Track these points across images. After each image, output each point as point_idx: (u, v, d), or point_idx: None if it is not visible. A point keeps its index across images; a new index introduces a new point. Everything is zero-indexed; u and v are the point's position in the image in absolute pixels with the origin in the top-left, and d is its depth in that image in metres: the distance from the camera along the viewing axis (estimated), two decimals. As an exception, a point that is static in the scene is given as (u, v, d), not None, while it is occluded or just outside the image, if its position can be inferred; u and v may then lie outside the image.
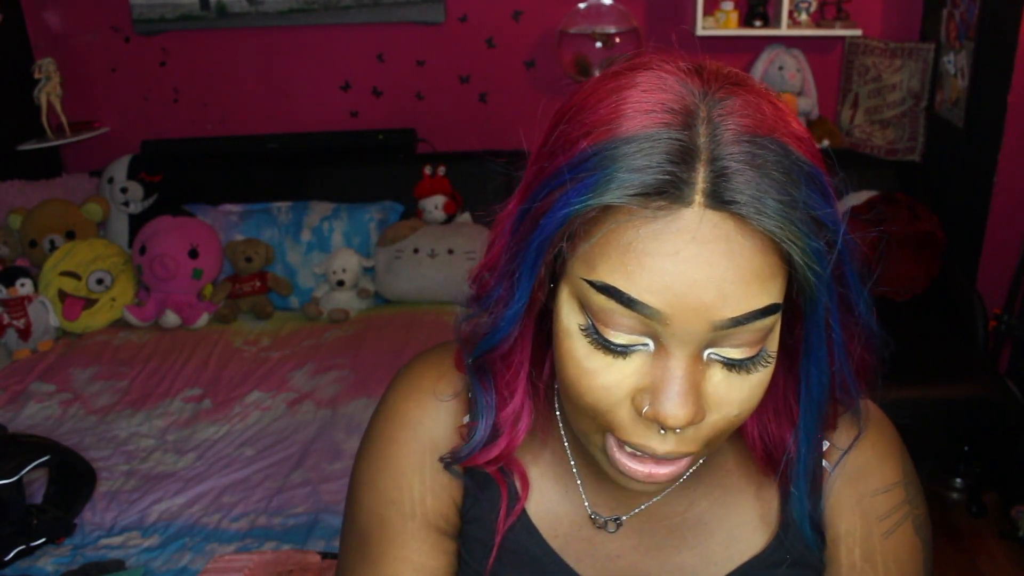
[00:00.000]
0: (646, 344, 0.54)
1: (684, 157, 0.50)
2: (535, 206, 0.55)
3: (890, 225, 2.78)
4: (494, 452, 0.68)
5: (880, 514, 0.71)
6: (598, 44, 3.02)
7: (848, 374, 0.60)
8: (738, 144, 0.50)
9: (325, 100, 3.32)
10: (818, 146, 0.56)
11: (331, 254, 3.04)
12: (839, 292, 0.55)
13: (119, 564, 1.81)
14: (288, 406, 2.43)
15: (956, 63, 2.76)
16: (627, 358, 0.54)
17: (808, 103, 3.07)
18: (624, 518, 0.72)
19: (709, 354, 0.54)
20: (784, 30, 2.94)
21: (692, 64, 0.55)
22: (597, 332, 0.54)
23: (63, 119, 3.18)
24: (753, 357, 0.54)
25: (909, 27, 3.07)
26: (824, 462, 0.70)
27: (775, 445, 0.67)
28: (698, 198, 0.50)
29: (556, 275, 0.58)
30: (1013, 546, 2.41)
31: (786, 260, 0.52)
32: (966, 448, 2.53)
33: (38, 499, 1.99)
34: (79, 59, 3.28)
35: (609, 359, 0.54)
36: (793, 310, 0.58)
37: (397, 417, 0.74)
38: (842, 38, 3.10)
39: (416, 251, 2.95)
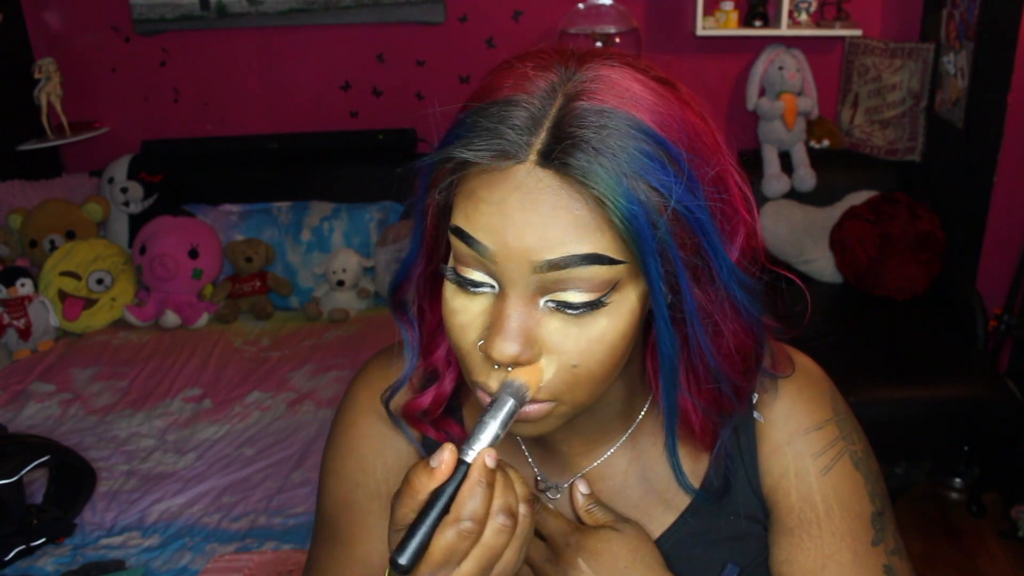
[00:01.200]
0: (493, 286, 0.60)
1: (530, 123, 0.57)
2: (428, 161, 0.63)
3: (890, 225, 2.78)
4: (428, 397, 0.74)
5: (814, 451, 0.73)
6: (598, 44, 3.02)
7: (703, 339, 0.62)
8: (582, 112, 0.56)
9: (325, 100, 3.32)
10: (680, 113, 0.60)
11: (331, 254, 3.04)
12: (691, 260, 0.59)
13: (119, 564, 1.81)
14: (288, 406, 2.43)
15: (956, 63, 2.76)
16: (478, 298, 0.61)
17: (808, 103, 3.07)
18: (568, 483, 0.77)
19: (546, 301, 0.59)
20: (784, 30, 2.94)
21: (578, 49, 0.62)
22: (455, 272, 0.61)
23: (63, 119, 3.18)
24: (587, 305, 0.58)
25: (909, 27, 3.07)
26: (756, 413, 0.74)
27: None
28: (532, 157, 0.57)
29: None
30: (1013, 546, 2.41)
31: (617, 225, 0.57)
32: (966, 448, 2.53)
33: (38, 499, 1.99)
34: (79, 59, 3.28)
35: (466, 299, 0.61)
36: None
37: (357, 406, 0.81)
38: (842, 38, 3.10)
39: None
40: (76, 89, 3.25)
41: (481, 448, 0.58)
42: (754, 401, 0.74)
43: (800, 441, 0.73)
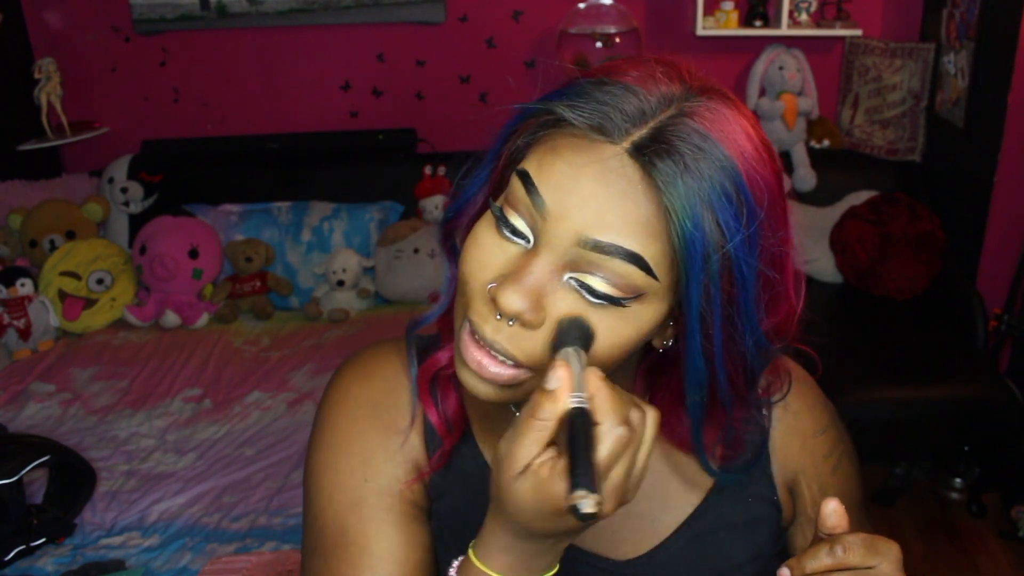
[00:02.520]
0: (528, 240, 0.60)
1: (637, 115, 0.58)
2: (520, 108, 0.64)
3: (890, 225, 2.78)
4: (448, 355, 0.73)
5: (824, 453, 0.81)
6: (598, 44, 3.02)
7: (723, 384, 0.63)
8: (687, 130, 0.57)
9: (325, 100, 3.32)
10: (780, 173, 0.62)
11: (331, 254, 3.04)
12: (728, 310, 0.60)
13: (119, 564, 1.81)
14: (288, 406, 2.43)
15: (956, 63, 2.76)
16: (507, 244, 0.61)
17: (808, 103, 3.07)
18: None
19: (569, 277, 0.59)
20: (784, 30, 2.94)
21: (708, 81, 0.63)
22: (501, 211, 0.61)
23: (63, 119, 3.18)
24: (606, 298, 0.58)
25: (909, 27, 3.07)
26: (764, 411, 0.79)
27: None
28: (626, 144, 0.58)
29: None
30: (1013, 546, 2.41)
31: (673, 242, 0.58)
32: (966, 448, 2.53)
33: (38, 499, 1.99)
34: (79, 59, 3.28)
35: (497, 239, 0.61)
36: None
37: (352, 400, 0.77)
38: (842, 38, 3.10)
39: (416, 251, 2.95)
40: (76, 89, 3.25)
41: (578, 373, 0.55)
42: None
43: (811, 443, 0.80)
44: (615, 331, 0.60)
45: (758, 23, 2.97)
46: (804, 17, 2.97)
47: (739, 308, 0.60)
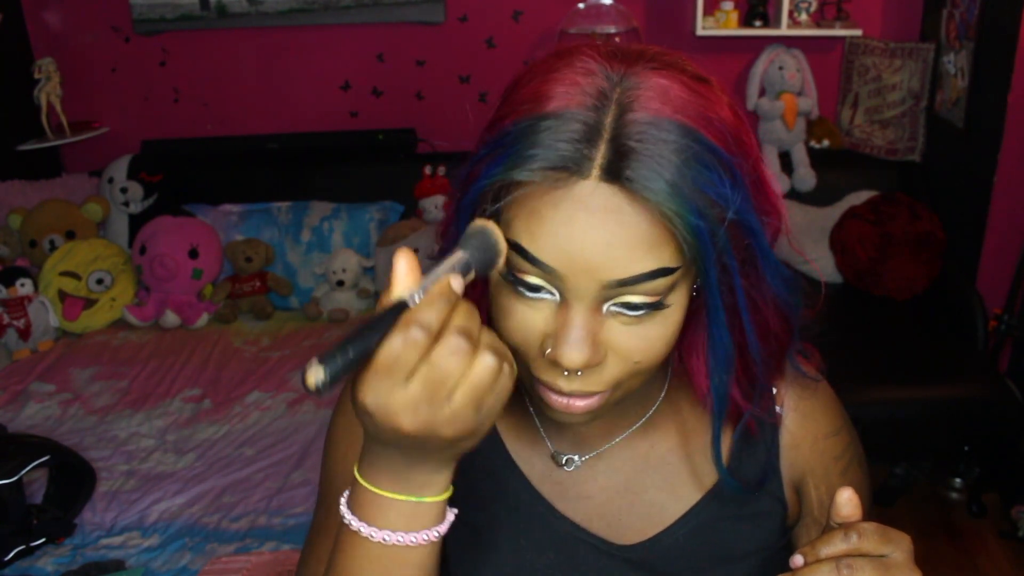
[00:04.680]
0: (553, 293, 0.60)
1: (588, 136, 0.56)
2: (468, 172, 0.62)
3: (890, 225, 2.78)
4: None
5: (835, 455, 0.80)
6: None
7: (749, 328, 0.64)
8: (639, 126, 0.56)
9: (325, 100, 3.32)
10: (735, 122, 0.61)
11: (331, 254, 3.04)
12: (742, 259, 0.61)
13: (119, 564, 1.81)
14: (288, 406, 2.43)
15: (956, 63, 2.76)
16: (537, 304, 0.61)
17: (808, 103, 3.07)
18: (585, 457, 0.78)
19: (609, 306, 0.60)
20: (784, 30, 2.94)
21: (617, 48, 0.62)
22: (513, 275, 0.60)
23: (63, 119, 3.18)
24: (649, 309, 0.60)
25: (909, 27, 3.07)
26: (777, 408, 0.78)
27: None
28: (595, 172, 0.56)
29: None
30: (1013, 546, 2.41)
31: (681, 236, 0.58)
32: (966, 448, 2.52)
33: (38, 499, 1.99)
34: (79, 59, 3.28)
35: (523, 303, 0.61)
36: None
37: None
38: (842, 38, 3.10)
39: (416, 251, 2.93)
40: (76, 89, 3.25)
41: (434, 277, 0.52)
42: (774, 392, 0.78)
43: (822, 444, 0.80)
44: (668, 323, 0.62)
45: (758, 23, 2.97)
46: (804, 17, 2.97)
47: (753, 252, 0.61)
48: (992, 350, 2.57)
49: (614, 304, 0.60)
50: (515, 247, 0.59)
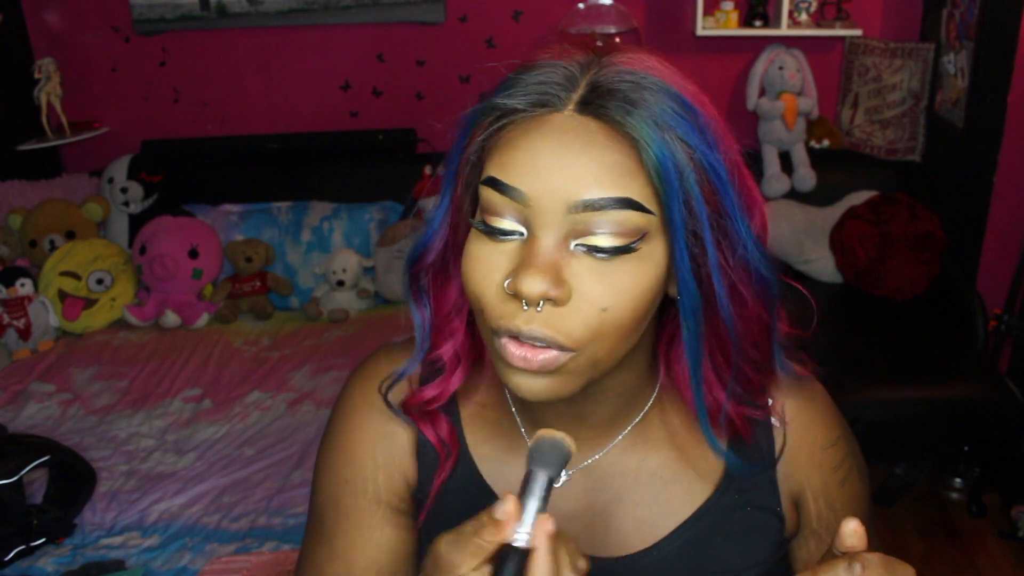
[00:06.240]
0: (522, 233, 0.61)
1: (568, 81, 0.61)
2: (462, 120, 0.66)
3: (890, 225, 2.78)
4: (433, 391, 0.74)
5: (832, 466, 0.79)
6: (598, 44, 3.02)
7: (721, 293, 0.63)
8: (618, 72, 0.61)
9: (325, 100, 3.32)
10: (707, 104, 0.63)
11: (331, 254, 3.04)
12: (713, 216, 0.61)
13: (119, 564, 1.81)
14: (288, 406, 2.43)
15: (956, 63, 2.76)
16: (504, 245, 0.61)
17: (808, 103, 3.07)
18: (570, 472, 0.76)
19: (576, 244, 0.60)
20: (784, 30, 2.94)
21: (580, 39, 0.67)
22: (485, 223, 0.62)
23: (63, 119, 3.18)
24: (617, 249, 0.59)
25: (909, 27, 3.07)
26: (772, 419, 0.77)
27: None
28: (571, 106, 0.60)
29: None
30: (1013, 546, 2.41)
31: (648, 171, 0.59)
32: (966, 448, 2.52)
33: (38, 499, 1.99)
34: (79, 59, 3.28)
35: (492, 245, 0.62)
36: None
37: (352, 400, 0.80)
38: (842, 38, 3.10)
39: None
40: (76, 89, 3.25)
41: (534, 510, 0.56)
42: (769, 404, 0.76)
43: (820, 455, 0.79)
44: (639, 275, 0.61)
45: (758, 23, 2.97)
46: (804, 17, 2.97)
47: (727, 213, 0.61)
48: (992, 350, 2.57)
49: (581, 243, 0.60)
50: (488, 181, 0.61)
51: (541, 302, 0.59)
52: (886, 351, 2.54)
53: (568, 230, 0.59)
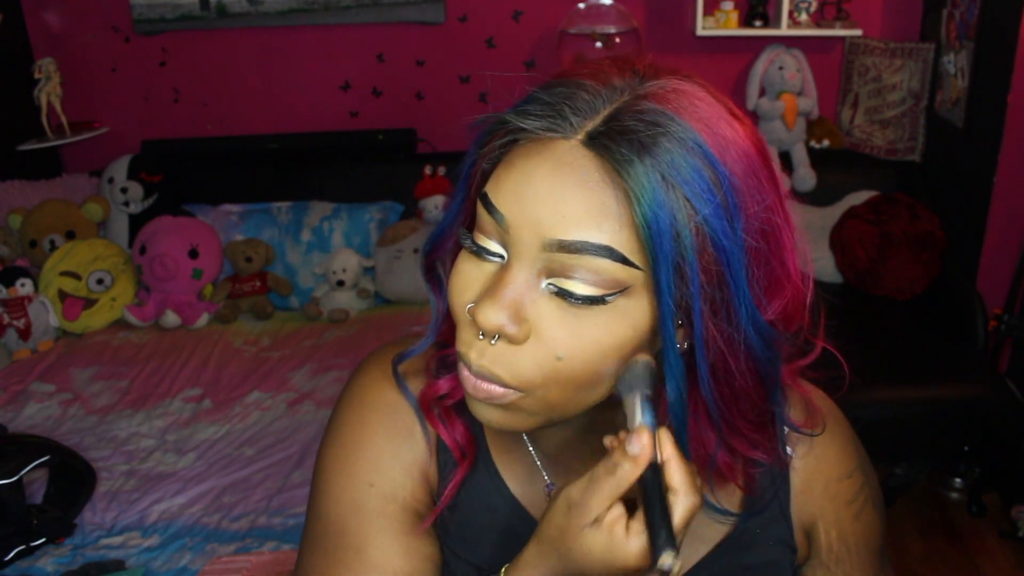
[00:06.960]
0: (502, 256, 0.59)
1: (589, 108, 0.56)
2: (482, 123, 0.63)
3: (890, 225, 2.78)
4: (449, 383, 0.71)
5: (847, 499, 0.77)
6: (598, 44, 3.02)
7: (703, 371, 0.58)
8: (643, 110, 0.55)
9: (325, 100, 3.32)
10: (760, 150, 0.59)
11: (331, 254, 3.04)
12: (710, 289, 0.56)
13: (119, 564, 1.81)
14: (288, 406, 2.43)
15: (956, 63, 2.76)
16: (486, 265, 0.59)
17: (808, 103, 3.07)
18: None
19: (547, 283, 0.57)
20: (784, 30, 2.94)
21: (662, 64, 0.61)
22: (471, 239, 0.60)
23: (63, 119, 3.18)
24: (587, 299, 0.56)
25: (909, 27, 3.07)
26: (788, 448, 0.74)
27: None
28: (579, 136, 0.56)
29: None
30: (1013, 546, 2.41)
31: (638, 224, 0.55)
32: (966, 448, 2.52)
33: (38, 499, 1.99)
34: (79, 59, 3.28)
35: (475, 263, 0.60)
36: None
37: (370, 401, 0.74)
38: (842, 38, 3.10)
39: (416, 251, 2.95)
40: (76, 89, 3.25)
41: (645, 426, 0.57)
42: (785, 432, 0.73)
43: (835, 487, 0.76)
44: (608, 330, 0.56)
45: (758, 23, 2.97)
46: (804, 17, 2.97)
47: (729, 288, 0.56)
48: (992, 350, 2.57)
49: (553, 283, 0.56)
50: (482, 197, 0.59)
51: (496, 335, 0.57)
52: (886, 351, 2.54)
53: (542, 267, 0.56)
